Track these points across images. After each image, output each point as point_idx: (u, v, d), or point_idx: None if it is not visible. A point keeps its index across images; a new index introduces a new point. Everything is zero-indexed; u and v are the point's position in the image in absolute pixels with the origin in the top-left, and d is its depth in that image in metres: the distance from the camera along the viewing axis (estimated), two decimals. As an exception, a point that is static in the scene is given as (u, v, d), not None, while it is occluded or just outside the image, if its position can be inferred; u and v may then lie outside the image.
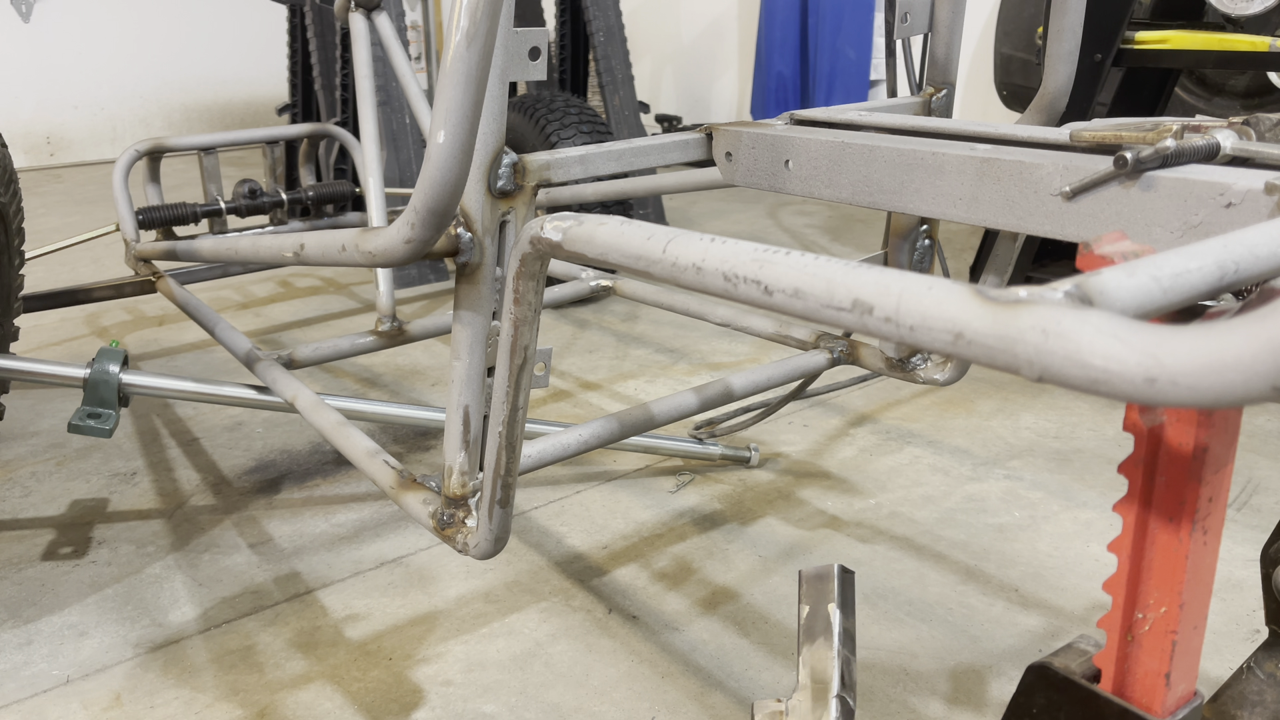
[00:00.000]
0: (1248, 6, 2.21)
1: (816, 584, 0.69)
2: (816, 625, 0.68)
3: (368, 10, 1.95)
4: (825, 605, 0.68)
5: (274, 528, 1.67)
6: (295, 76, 3.99)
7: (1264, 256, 0.50)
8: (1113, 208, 0.78)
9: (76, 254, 3.42)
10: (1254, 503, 1.71)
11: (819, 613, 0.68)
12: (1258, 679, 0.74)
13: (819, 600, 0.68)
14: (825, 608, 0.68)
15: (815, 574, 0.69)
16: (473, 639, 1.37)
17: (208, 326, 1.75)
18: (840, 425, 2.05)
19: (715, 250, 0.59)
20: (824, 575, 0.69)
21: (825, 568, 0.69)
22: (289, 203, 2.28)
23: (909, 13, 1.19)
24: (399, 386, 2.32)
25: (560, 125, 2.78)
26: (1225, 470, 0.62)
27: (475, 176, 0.90)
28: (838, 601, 0.68)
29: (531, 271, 0.77)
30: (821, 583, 0.69)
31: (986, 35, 4.21)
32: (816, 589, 0.69)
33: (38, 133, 5.61)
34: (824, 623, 0.68)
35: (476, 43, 0.76)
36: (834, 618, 0.67)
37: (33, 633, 1.40)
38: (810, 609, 0.68)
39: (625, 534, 1.64)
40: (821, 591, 0.68)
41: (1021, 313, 0.43)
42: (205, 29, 6.01)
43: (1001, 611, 1.42)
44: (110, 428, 1.52)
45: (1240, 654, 1.31)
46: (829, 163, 0.99)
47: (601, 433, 1.10)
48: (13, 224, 1.85)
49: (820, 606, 0.68)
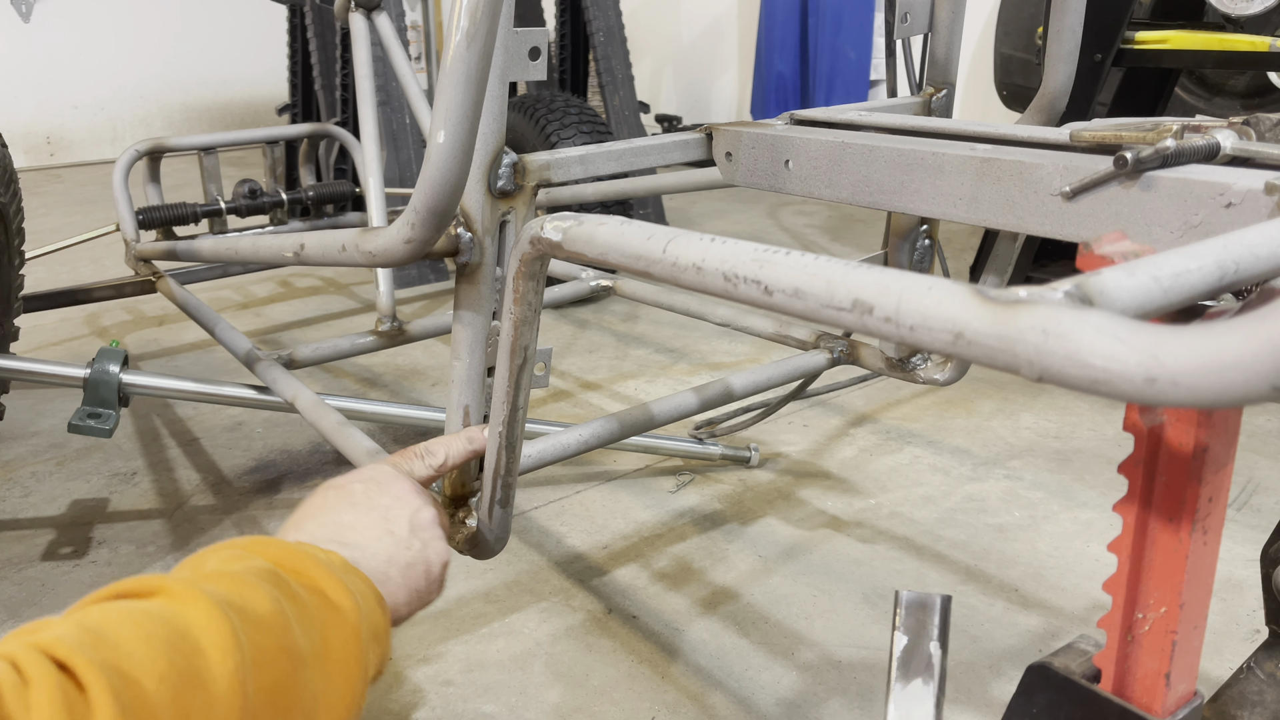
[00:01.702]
0: (1248, 6, 2.21)
1: (917, 613, 0.64)
2: (914, 662, 0.63)
3: (368, 10, 1.95)
4: (926, 641, 0.63)
5: (274, 528, 1.67)
6: (295, 76, 3.99)
7: (1264, 256, 0.50)
8: (1113, 208, 0.78)
9: (76, 254, 3.42)
10: (1254, 503, 1.71)
11: (919, 648, 0.63)
12: (1258, 679, 0.74)
13: (919, 633, 0.63)
14: (927, 645, 0.63)
15: (917, 601, 0.64)
16: (473, 639, 1.37)
17: (208, 326, 1.75)
18: (840, 425, 2.05)
19: (715, 250, 0.59)
20: (927, 605, 0.64)
21: (929, 596, 0.64)
22: (289, 203, 2.28)
23: (909, 13, 1.19)
24: (399, 386, 2.32)
25: (560, 125, 2.78)
26: (1225, 470, 0.62)
27: (475, 176, 0.90)
28: (939, 636, 0.63)
29: (531, 271, 0.77)
30: (923, 613, 0.64)
31: (986, 35, 4.21)
32: (916, 619, 0.64)
33: (38, 133, 5.61)
34: (924, 661, 0.63)
35: (476, 43, 0.76)
36: (935, 657, 0.63)
37: (33, 633, 1.40)
38: (909, 641, 0.63)
39: (625, 534, 1.64)
40: (922, 623, 0.63)
41: (1021, 313, 0.43)
42: (205, 29, 6.01)
43: (1001, 611, 1.42)
44: (110, 428, 1.52)
45: (1240, 654, 1.30)
46: (829, 163, 0.98)
47: (601, 433, 1.10)
48: (13, 224, 1.85)
49: (921, 641, 0.63)
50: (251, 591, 0.58)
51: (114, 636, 0.50)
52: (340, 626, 0.62)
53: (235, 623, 0.54)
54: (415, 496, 0.80)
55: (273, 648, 0.56)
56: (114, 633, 0.50)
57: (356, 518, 0.75)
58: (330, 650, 0.61)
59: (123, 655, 0.49)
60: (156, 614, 0.53)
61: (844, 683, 1.28)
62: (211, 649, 0.52)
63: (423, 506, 0.79)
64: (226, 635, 0.53)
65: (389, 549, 0.74)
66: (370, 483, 0.79)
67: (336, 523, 0.74)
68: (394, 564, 0.74)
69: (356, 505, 0.76)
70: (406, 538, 0.75)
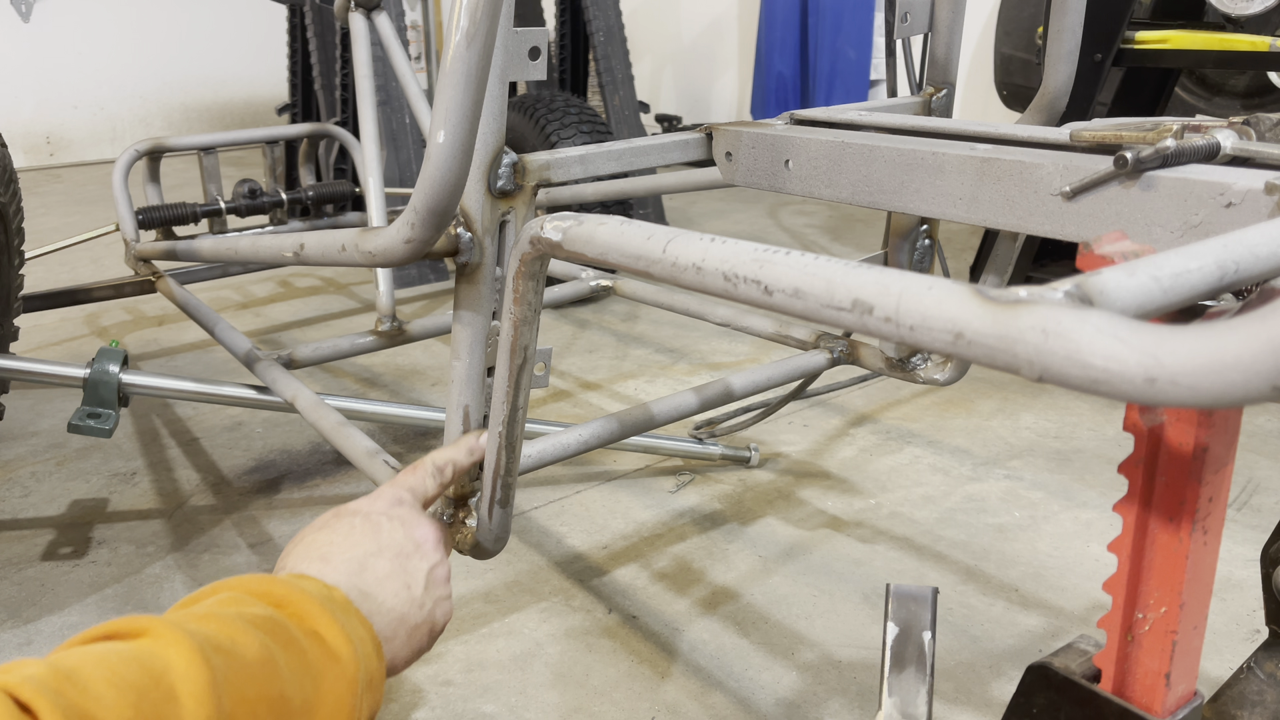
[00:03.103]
0: (1248, 6, 2.21)
1: (909, 605, 0.66)
2: (907, 651, 0.65)
3: (368, 10, 1.95)
4: (919, 632, 0.65)
5: (274, 528, 1.67)
6: (295, 76, 3.99)
7: (1264, 256, 0.50)
8: (1113, 208, 0.78)
9: (76, 254, 3.42)
10: (1254, 503, 1.71)
11: (911, 638, 0.65)
12: (1258, 679, 0.74)
13: (911, 624, 0.65)
14: (920, 635, 0.65)
15: (909, 594, 0.66)
16: (473, 639, 1.37)
17: (207, 326, 1.75)
18: (840, 425, 2.05)
19: (715, 250, 0.59)
20: (919, 598, 0.66)
21: (920, 589, 0.66)
22: (289, 203, 2.28)
23: (909, 13, 1.19)
24: (399, 386, 2.32)
25: (560, 125, 2.78)
26: (1225, 470, 0.62)
27: (475, 176, 0.90)
28: (930, 626, 0.65)
29: (531, 271, 0.77)
30: (915, 605, 0.66)
31: (986, 35, 4.21)
32: (908, 610, 0.66)
33: (38, 133, 5.61)
34: (916, 650, 0.65)
35: (476, 43, 0.76)
36: (927, 647, 0.65)
37: (33, 633, 1.40)
38: (900, 631, 0.65)
39: (625, 534, 1.64)
40: (915, 614, 0.65)
41: (1021, 313, 0.43)
42: (205, 29, 6.01)
43: (1001, 611, 1.42)
44: (110, 428, 1.52)
45: (1240, 654, 1.31)
46: (829, 163, 0.98)
47: (601, 433, 1.10)
48: (13, 224, 1.85)
49: (913, 631, 0.65)
50: (241, 635, 0.58)
51: (85, 679, 0.50)
52: (337, 676, 0.62)
53: (216, 669, 0.54)
54: (436, 548, 0.79)
55: (254, 696, 0.56)
56: (86, 675, 0.50)
57: (379, 564, 0.75)
58: (322, 698, 0.61)
59: (90, 699, 0.49)
60: (134, 657, 0.53)
61: (844, 683, 1.28)
62: (186, 696, 0.52)
63: (441, 562, 0.79)
64: (204, 683, 0.53)
65: (403, 607, 0.74)
66: (396, 521, 0.79)
67: (359, 562, 0.74)
68: (404, 624, 0.74)
69: (381, 548, 0.76)
70: (420, 596, 0.76)
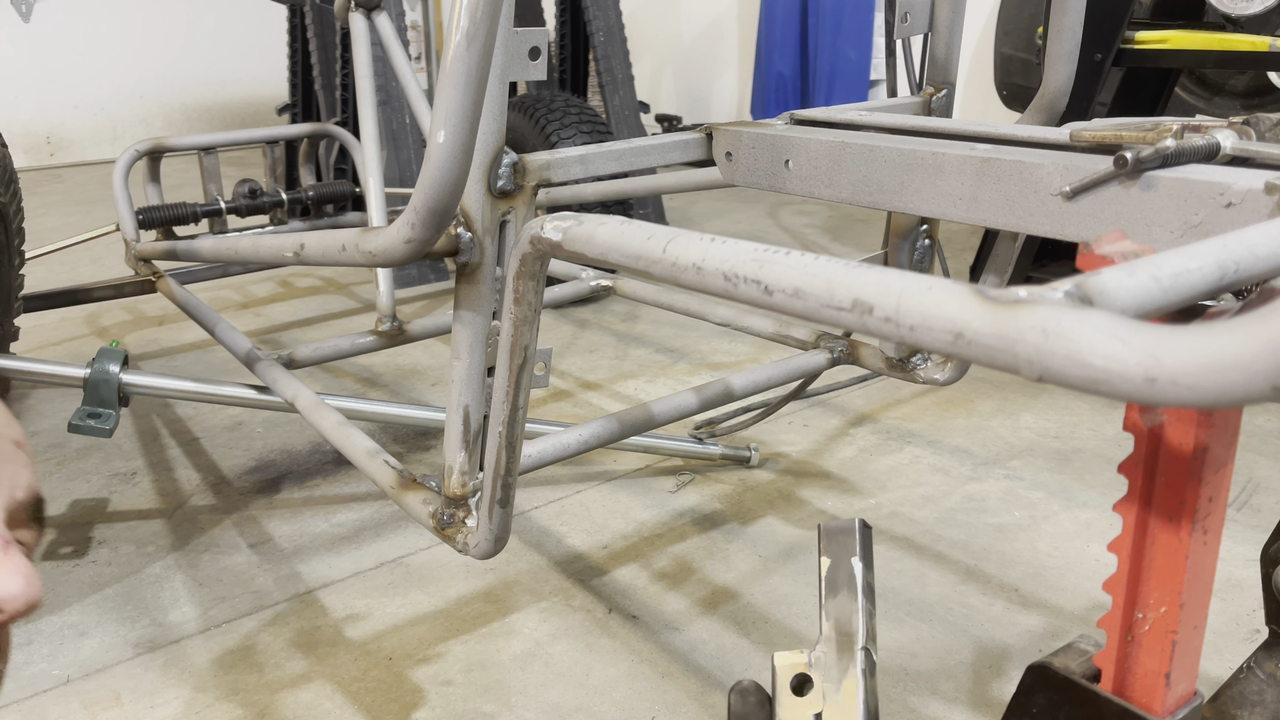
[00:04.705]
0: (1248, 6, 2.21)
1: (838, 538, 0.70)
2: (839, 578, 0.69)
3: (368, 10, 1.95)
4: (848, 558, 0.69)
5: (274, 527, 1.67)
6: (295, 76, 3.99)
7: (1264, 256, 0.50)
8: (1113, 208, 0.78)
9: (76, 254, 3.42)
10: (1254, 503, 1.71)
11: (841, 565, 0.69)
12: (1258, 679, 0.74)
13: (841, 553, 0.69)
14: (848, 561, 0.69)
15: (836, 528, 0.70)
16: (473, 639, 1.37)
17: (208, 326, 1.75)
18: (840, 425, 2.05)
19: (715, 250, 0.59)
20: (845, 530, 0.70)
21: (846, 522, 0.70)
22: (289, 203, 2.28)
23: (909, 13, 1.19)
24: (399, 386, 2.32)
25: (560, 125, 2.78)
26: (1225, 470, 0.62)
27: (475, 176, 0.90)
28: (859, 555, 0.69)
29: (531, 271, 0.77)
30: (843, 537, 0.70)
31: (986, 35, 4.21)
32: (838, 543, 0.70)
33: (38, 133, 5.61)
34: (847, 575, 0.68)
35: (476, 43, 0.76)
36: (857, 570, 0.68)
37: (33, 632, 1.40)
38: (832, 562, 0.69)
39: (625, 534, 1.64)
40: (843, 545, 0.69)
41: (1021, 313, 0.43)
42: (206, 29, 6.01)
43: (1001, 611, 1.42)
44: (110, 428, 1.52)
45: (1240, 654, 1.31)
46: (829, 163, 0.99)
47: (601, 433, 1.10)
48: (13, 224, 1.85)
49: (843, 559, 0.69)
50: None
51: None
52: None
53: None
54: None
55: None
56: None
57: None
58: None
59: None
60: None
61: (844, 683, 1.28)
62: None
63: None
64: None
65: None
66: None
67: None
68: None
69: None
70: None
